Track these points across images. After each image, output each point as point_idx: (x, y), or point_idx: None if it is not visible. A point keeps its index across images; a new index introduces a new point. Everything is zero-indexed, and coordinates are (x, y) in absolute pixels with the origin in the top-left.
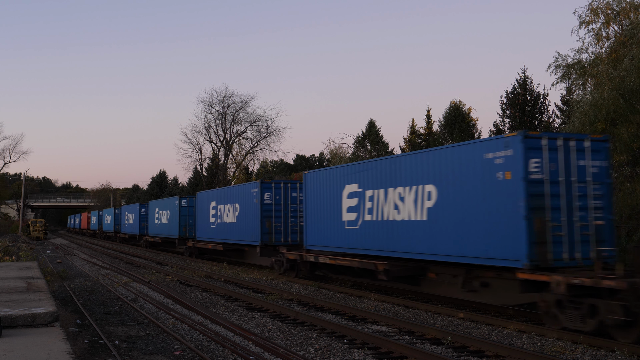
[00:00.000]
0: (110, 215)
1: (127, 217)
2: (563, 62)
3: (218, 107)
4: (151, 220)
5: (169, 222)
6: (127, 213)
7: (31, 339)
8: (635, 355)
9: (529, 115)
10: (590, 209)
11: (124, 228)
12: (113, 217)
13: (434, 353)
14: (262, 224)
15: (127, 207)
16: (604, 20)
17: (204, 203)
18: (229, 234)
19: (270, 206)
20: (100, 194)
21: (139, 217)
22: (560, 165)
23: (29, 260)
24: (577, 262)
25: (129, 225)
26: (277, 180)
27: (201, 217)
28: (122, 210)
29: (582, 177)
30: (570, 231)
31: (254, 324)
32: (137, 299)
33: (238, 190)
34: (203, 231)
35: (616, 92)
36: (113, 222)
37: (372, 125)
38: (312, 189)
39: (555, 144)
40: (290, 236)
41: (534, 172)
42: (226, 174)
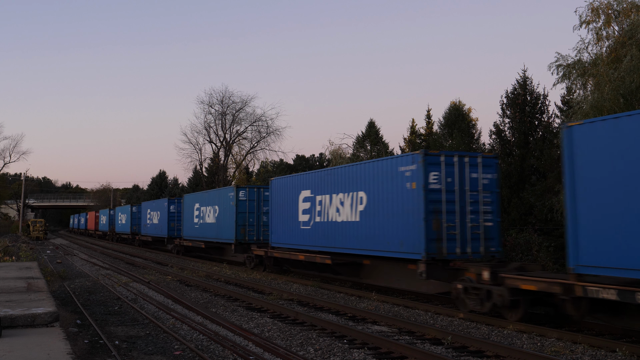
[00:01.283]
0: (126, 214)
1: (150, 216)
2: (564, 62)
3: (218, 107)
4: (188, 219)
5: (217, 221)
6: (151, 211)
7: (31, 339)
8: (636, 355)
9: (529, 116)
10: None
11: (145, 229)
12: (129, 217)
13: (434, 353)
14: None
15: (150, 204)
16: (604, 20)
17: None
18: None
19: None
20: (100, 194)
21: (167, 215)
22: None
23: (29, 260)
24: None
25: (152, 226)
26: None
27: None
28: (142, 208)
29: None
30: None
31: (254, 324)
32: (137, 299)
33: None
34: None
35: (616, 92)
36: (130, 222)
37: (372, 126)
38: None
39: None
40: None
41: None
42: (226, 174)
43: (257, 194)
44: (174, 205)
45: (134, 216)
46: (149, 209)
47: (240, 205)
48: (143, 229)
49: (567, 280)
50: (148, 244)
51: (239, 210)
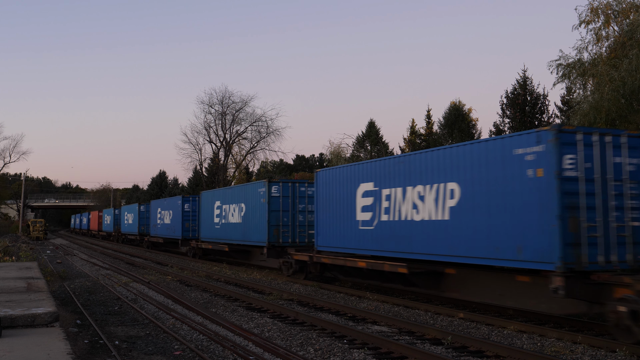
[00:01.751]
0: (133, 213)
1: (161, 216)
2: (564, 61)
3: (218, 108)
4: (206, 218)
5: (243, 220)
6: (161, 210)
7: (31, 339)
8: (636, 355)
9: (529, 116)
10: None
11: (154, 230)
12: (137, 216)
13: (434, 353)
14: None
15: (160, 202)
16: (604, 20)
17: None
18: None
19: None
20: (100, 194)
21: (180, 214)
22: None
23: (29, 260)
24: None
25: (164, 227)
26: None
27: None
28: (150, 207)
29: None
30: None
31: (254, 324)
32: (137, 299)
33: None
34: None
35: (616, 92)
36: (137, 222)
37: (372, 126)
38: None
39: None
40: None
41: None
42: (226, 174)
43: (292, 189)
44: (189, 204)
45: (142, 216)
46: (159, 208)
47: (273, 202)
48: (153, 229)
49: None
50: (158, 246)
51: (272, 208)
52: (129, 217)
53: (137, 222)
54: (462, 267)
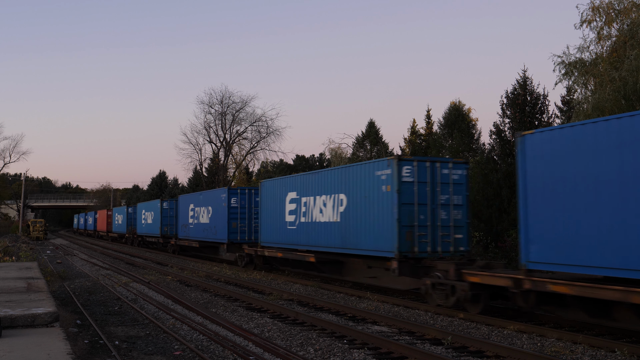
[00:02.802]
0: (153, 211)
1: (195, 214)
2: (566, 60)
3: (218, 108)
4: (272, 216)
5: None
6: (195, 206)
7: (31, 339)
8: (635, 355)
9: (529, 116)
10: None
11: (183, 231)
12: (158, 215)
13: (434, 353)
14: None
15: (192, 197)
16: (605, 20)
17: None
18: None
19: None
20: (100, 194)
21: (226, 211)
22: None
23: (29, 260)
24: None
25: (198, 227)
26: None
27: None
28: (178, 203)
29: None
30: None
31: (254, 324)
32: (137, 299)
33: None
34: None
35: (617, 93)
36: (159, 221)
37: (372, 126)
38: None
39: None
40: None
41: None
42: (226, 174)
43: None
44: (237, 198)
45: (166, 214)
46: (191, 204)
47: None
48: (182, 230)
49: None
50: (189, 251)
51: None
52: (148, 216)
53: (158, 222)
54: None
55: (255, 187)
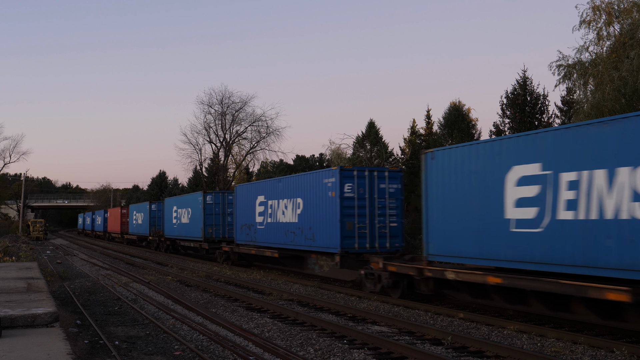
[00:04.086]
0: (191, 208)
1: (272, 210)
2: (564, 62)
3: (217, 108)
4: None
5: None
6: (268, 200)
7: (31, 339)
8: (635, 355)
9: (529, 116)
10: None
11: (246, 234)
12: (200, 212)
13: (433, 353)
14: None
15: (260, 186)
16: (605, 20)
17: None
18: None
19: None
20: (100, 194)
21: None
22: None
23: (29, 260)
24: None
25: (275, 229)
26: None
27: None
28: (236, 196)
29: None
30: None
31: (254, 324)
32: (137, 300)
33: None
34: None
35: (617, 93)
36: (201, 220)
37: (372, 126)
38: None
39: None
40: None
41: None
42: (226, 174)
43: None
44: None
45: (210, 211)
46: (260, 196)
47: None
48: (242, 233)
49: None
50: (259, 262)
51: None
52: (182, 213)
53: (200, 222)
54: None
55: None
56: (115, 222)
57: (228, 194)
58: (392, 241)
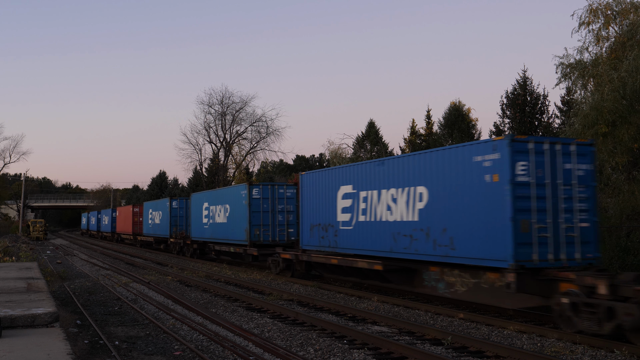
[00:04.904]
0: (229, 204)
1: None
2: (565, 61)
3: (218, 108)
4: None
5: None
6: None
7: (31, 339)
8: (635, 355)
9: (529, 116)
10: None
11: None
12: (241, 210)
13: (434, 353)
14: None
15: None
16: (603, 21)
17: None
18: None
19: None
20: (100, 194)
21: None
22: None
23: (29, 260)
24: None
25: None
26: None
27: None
28: (302, 188)
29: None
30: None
31: (254, 324)
32: (137, 300)
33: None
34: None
35: (617, 93)
36: (245, 220)
37: (372, 126)
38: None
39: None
40: None
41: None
42: (226, 174)
43: None
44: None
45: (257, 207)
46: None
47: None
48: (313, 236)
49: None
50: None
51: None
52: (217, 211)
53: (243, 221)
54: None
55: None
56: (126, 222)
57: (279, 187)
58: (583, 250)
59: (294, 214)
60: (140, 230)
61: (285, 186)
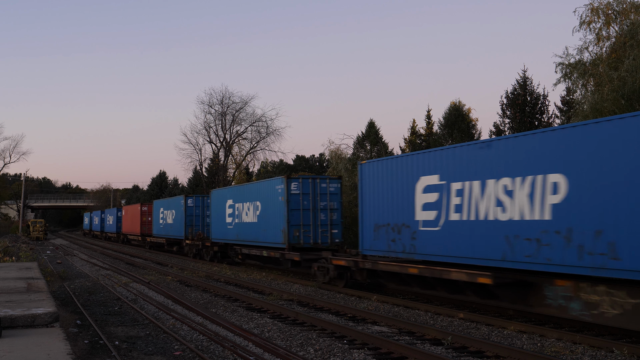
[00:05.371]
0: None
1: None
2: (566, 61)
3: (218, 108)
4: None
5: None
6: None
7: (31, 339)
8: (635, 355)
9: (529, 116)
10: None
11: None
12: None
13: (434, 353)
14: None
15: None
16: (604, 20)
17: None
18: None
19: None
20: (100, 194)
21: None
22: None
23: (29, 260)
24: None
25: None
26: None
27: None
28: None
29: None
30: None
31: (254, 324)
32: (137, 300)
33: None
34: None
35: (617, 93)
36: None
37: (372, 126)
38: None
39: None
40: None
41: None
42: (226, 174)
43: None
44: None
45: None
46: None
47: None
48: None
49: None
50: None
51: None
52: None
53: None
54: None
55: None
56: (134, 221)
57: (321, 181)
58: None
59: (338, 212)
60: (149, 231)
61: (328, 180)
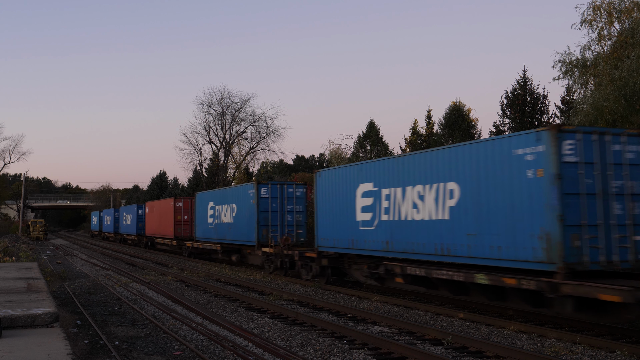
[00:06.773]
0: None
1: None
2: (567, 59)
3: (217, 108)
4: None
5: None
6: None
7: (31, 339)
8: (635, 355)
9: (529, 116)
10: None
11: None
12: None
13: (434, 354)
14: None
15: None
16: (606, 19)
17: None
18: None
19: None
20: (100, 194)
21: None
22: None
23: (29, 260)
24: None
25: None
26: None
27: None
28: None
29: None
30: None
31: (254, 324)
32: (137, 300)
33: None
34: None
35: (618, 92)
36: None
37: (372, 126)
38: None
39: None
40: None
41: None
42: (226, 174)
43: None
44: None
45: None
46: None
47: None
48: None
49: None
50: None
51: None
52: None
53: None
54: None
55: None
56: (163, 221)
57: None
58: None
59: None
60: (188, 233)
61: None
